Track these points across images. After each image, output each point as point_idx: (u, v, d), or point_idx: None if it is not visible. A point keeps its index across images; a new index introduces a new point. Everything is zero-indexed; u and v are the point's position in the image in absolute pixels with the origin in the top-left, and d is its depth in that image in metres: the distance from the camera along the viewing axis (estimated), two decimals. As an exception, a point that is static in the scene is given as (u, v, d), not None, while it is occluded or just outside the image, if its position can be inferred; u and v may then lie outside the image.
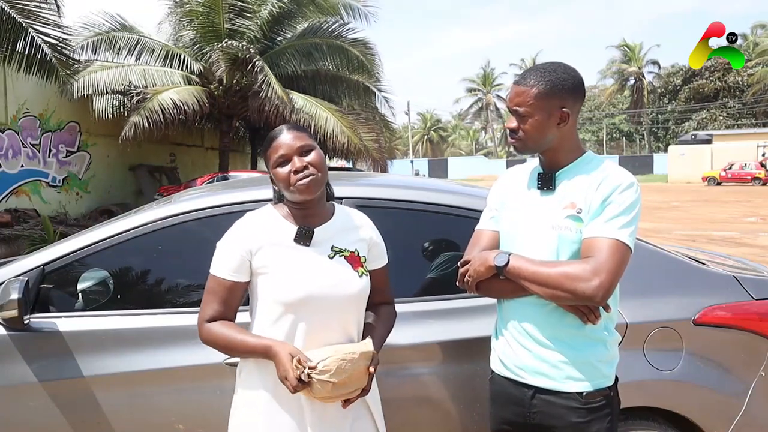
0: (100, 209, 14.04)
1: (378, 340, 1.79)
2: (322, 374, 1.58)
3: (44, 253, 2.28)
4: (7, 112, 12.12)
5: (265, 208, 1.83)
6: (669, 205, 20.90)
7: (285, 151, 1.71)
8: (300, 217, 1.76)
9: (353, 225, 1.84)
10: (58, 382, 2.11)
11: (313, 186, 1.69)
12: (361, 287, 1.76)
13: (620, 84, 58.70)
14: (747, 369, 2.27)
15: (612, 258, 1.64)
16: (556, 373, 1.75)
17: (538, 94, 1.73)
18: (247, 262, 1.72)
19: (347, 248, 1.78)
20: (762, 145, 37.22)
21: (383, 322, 1.88)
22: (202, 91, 13.45)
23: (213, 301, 1.73)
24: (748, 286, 2.35)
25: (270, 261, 1.71)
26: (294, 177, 1.68)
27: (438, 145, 79.00)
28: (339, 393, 1.63)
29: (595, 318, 1.70)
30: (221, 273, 1.73)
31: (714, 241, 11.26)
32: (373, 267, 1.85)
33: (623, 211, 1.68)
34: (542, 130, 1.75)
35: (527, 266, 1.71)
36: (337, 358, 1.60)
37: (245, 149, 20.46)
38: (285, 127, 1.76)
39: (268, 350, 1.64)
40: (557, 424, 1.74)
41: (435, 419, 2.21)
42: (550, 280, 1.67)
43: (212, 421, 2.11)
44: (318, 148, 1.75)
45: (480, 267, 1.80)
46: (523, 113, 1.75)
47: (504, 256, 1.76)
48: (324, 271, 1.72)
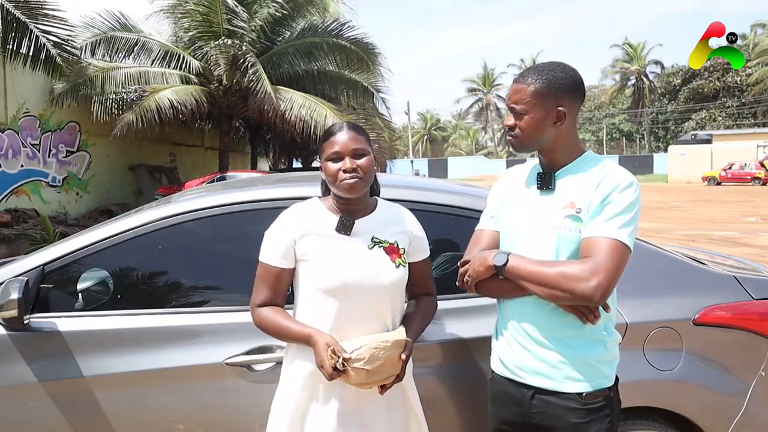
0: (100, 209, 14.04)
1: (415, 329, 1.87)
2: (356, 362, 1.67)
3: (44, 253, 2.28)
4: (7, 112, 12.11)
5: (312, 199, 1.93)
6: (669, 205, 20.90)
7: (340, 148, 1.79)
8: (343, 210, 1.86)
9: (395, 218, 1.93)
10: (58, 382, 2.10)
11: (357, 187, 1.79)
12: (397, 277, 1.83)
13: (621, 83, 58.70)
14: (747, 369, 2.27)
15: (611, 258, 1.63)
16: (556, 374, 1.75)
17: (534, 92, 1.74)
18: (292, 250, 1.81)
19: (387, 239, 1.86)
20: (762, 145, 37.20)
21: (422, 312, 1.95)
22: (201, 90, 13.45)
23: (263, 287, 1.84)
24: (748, 286, 2.35)
25: (312, 249, 1.80)
26: (342, 175, 1.78)
27: (438, 145, 79.01)
28: (373, 379, 1.71)
29: (595, 318, 1.70)
30: (269, 260, 1.83)
31: (714, 241, 11.26)
32: (414, 260, 1.93)
33: (622, 211, 1.67)
34: (538, 128, 1.76)
35: (526, 266, 1.72)
36: (370, 347, 1.69)
37: (245, 149, 20.46)
38: (346, 125, 1.85)
39: (308, 338, 1.74)
40: (556, 425, 1.74)
41: (435, 419, 2.21)
42: (549, 279, 1.67)
43: (212, 421, 2.11)
44: (371, 155, 1.84)
45: (479, 267, 1.81)
46: (519, 111, 1.77)
47: (503, 256, 1.76)
48: (362, 261, 1.80)
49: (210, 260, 2.38)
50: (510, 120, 1.81)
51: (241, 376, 2.09)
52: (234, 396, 2.10)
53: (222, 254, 2.37)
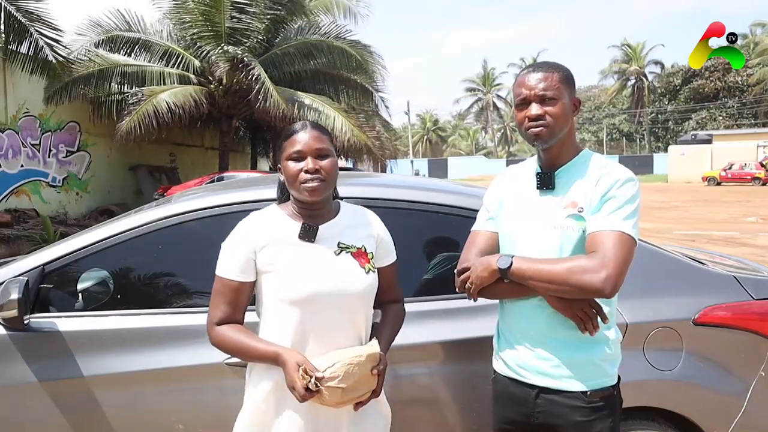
0: (100, 209, 14.04)
1: (385, 341, 1.78)
2: (330, 381, 1.57)
3: (44, 253, 2.28)
4: (7, 112, 12.12)
5: (270, 207, 1.82)
6: (669, 205, 20.89)
7: (302, 147, 1.69)
8: (305, 216, 1.75)
9: (360, 222, 1.83)
10: (58, 382, 2.10)
11: (319, 190, 1.68)
12: (368, 283, 1.74)
13: (621, 84, 58.68)
14: (747, 369, 2.27)
15: (617, 249, 1.62)
16: (560, 373, 1.75)
17: (562, 78, 1.76)
18: (252, 262, 1.70)
19: (354, 244, 1.76)
20: (762, 145, 37.20)
21: (391, 321, 1.86)
22: (201, 90, 13.44)
23: (221, 302, 1.71)
24: (748, 286, 2.35)
25: (275, 259, 1.69)
26: (303, 176, 1.67)
27: (437, 145, 78.98)
28: (349, 397, 1.62)
29: (594, 328, 1.69)
30: (227, 274, 1.71)
31: (714, 241, 11.25)
32: (382, 264, 1.83)
33: (624, 204, 1.68)
34: (566, 116, 1.76)
35: (531, 265, 1.70)
36: (344, 363, 1.59)
37: (245, 149, 20.45)
38: (309, 124, 1.75)
39: (277, 357, 1.63)
40: (560, 423, 1.75)
41: (435, 419, 2.21)
42: (557, 276, 1.64)
43: (212, 421, 2.11)
44: (334, 156, 1.75)
45: (483, 272, 1.76)
46: (552, 96, 1.74)
47: (506, 259, 1.73)
48: (330, 268, 1.70)
49: (210, 260, 2.37)
50: (537, 109, 1.74)
51: (241, 376, 2.08)
52: (234, 396, 2.09)
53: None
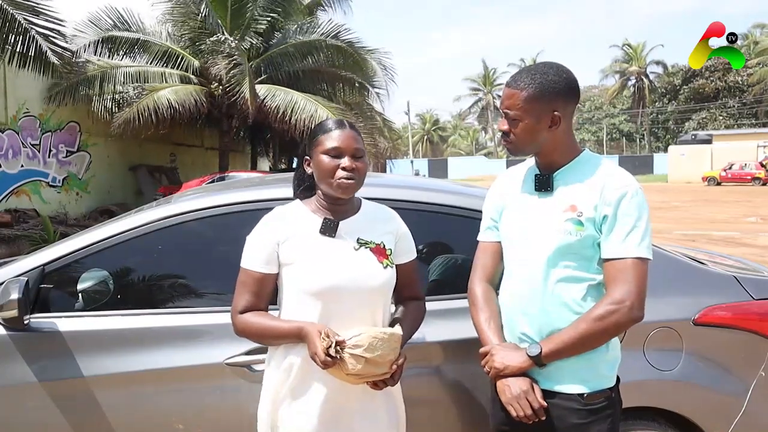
0: (100, 209, 14.04)
1: (404, 336, 1.78)
2: (355, 348, 1.60)
3: (44, 253, 2.28)
4: (7, 112, 12.11)
5: (294, 202, 1.87)
6: (669, 205, 20.88)
7: (341, 145, 1.74)
8: (330, 210, 1.80)
9: (380, 218, 1.87)
10: (58, 382, 2.10)
11: (351, 189, 1.75)
12: (385, 279, 1.78)
13: (621, 84, 58.66)
14: (747, 369, 2.27)
15: (636, 278, 1.66)
16: (557, 374, 1.75)
17: (527, 97, 1.69)
18: (275, 254, 1.76)
19: (373, 240, 1.80)
20: (762, 145, 37.19)
21: (410, 316, 1.89)
22: (201, 90, 13.44)
23: (245, 292, 1.77)
24: (748, 286, 2.35)
25: (296, 252, 1.75)
26: (341, 173, 1.72)
27: (438, 145, 78.99)
28: (370, 372, 1.63)
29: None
30: (251, 265, 1.77)
31: (714, 241, 11.25)
32: (401, 261, 1.86)
33: (636, 222, 1.67)
34: (533, 133, 1.72)
35: (561, 341, 1.69)
36: (369, 335, 1.63)
37: (245, 149, 20.45)
38: (347, 123, 1.81)
39: (299, 331, 1.67)
40: (558, 425, 1.74)
41: (435, 419, 2.21)
42: (592, 333, 1.67)
43: (212, 421, 2.11)
44: (366, 158, 1.80)
45: (512, 370, 1.73)
46: (513, 117, 1.72)
47: (535, 348, 1.71)
48: (349, 262, 1.75)
49: (210, 260, 2.38)
50: (504, 125, 1.75)
51: (241, 376, 2.09)
52: (234, 396, 2.10)
53: (222, 254, 2.36)
